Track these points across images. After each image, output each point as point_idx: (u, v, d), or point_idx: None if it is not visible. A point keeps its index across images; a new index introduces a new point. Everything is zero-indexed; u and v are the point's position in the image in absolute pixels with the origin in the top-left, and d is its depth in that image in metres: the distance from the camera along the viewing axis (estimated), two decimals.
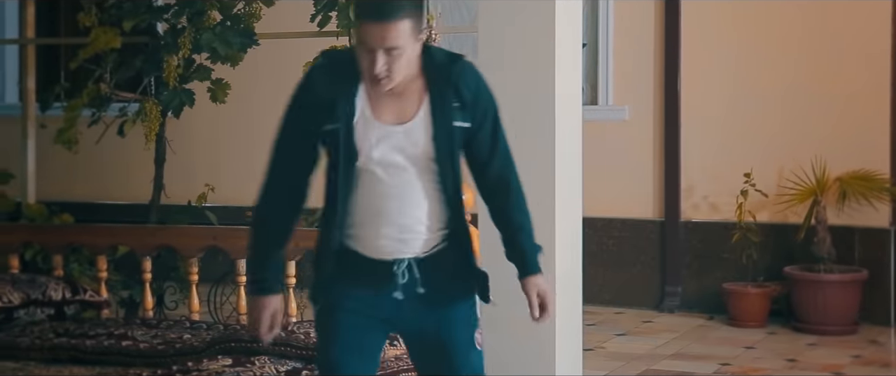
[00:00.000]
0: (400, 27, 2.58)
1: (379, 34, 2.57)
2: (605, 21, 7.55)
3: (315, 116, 2.67)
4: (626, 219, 7.37)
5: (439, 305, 2.75)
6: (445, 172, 2.72)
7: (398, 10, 2.58)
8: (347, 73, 2.67)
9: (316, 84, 2.70)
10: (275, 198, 2.72)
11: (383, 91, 2.65)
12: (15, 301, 3.85)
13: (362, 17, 2.61)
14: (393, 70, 2.60)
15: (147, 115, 5.39)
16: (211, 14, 5.32)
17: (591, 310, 6.38)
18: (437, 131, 2.69)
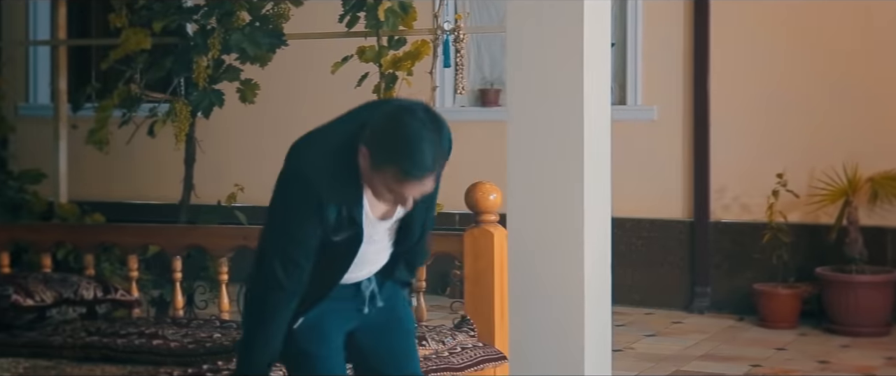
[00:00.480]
0: (436, 173, 2.69)
1: (419, 188, 2.68)
2: (633, 20, 7.52)
3: (323, 217, 2.73)
4: (654, 220, 7.33)
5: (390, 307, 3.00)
6: (411, 234, 2.92)
7: (440, 159, 2.68)
8: (351, 178, 2.71)
9: (322, 192, 2.71)
10: (296, 284, 2.76)
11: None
12: (47, 300, 3.88)
13: (403, 177, 2.64)
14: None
15: (177, 116, 5.42)
16: (240, 15, 5.35)
17: (619, 311, 6.35)
18: (411, 215, 2.86)
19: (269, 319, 2.78)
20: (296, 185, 2.75)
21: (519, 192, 4.05)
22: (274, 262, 2.75)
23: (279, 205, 2.78)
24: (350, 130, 2.73)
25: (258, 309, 2.79)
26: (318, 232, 2.74)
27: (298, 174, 2.75)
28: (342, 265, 2.85)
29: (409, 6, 5.14)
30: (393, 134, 2.66)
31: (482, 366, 3.67)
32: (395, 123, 2.68)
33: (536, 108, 4.07)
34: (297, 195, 2.74)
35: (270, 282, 2.76)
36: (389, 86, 5.12)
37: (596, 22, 4.12)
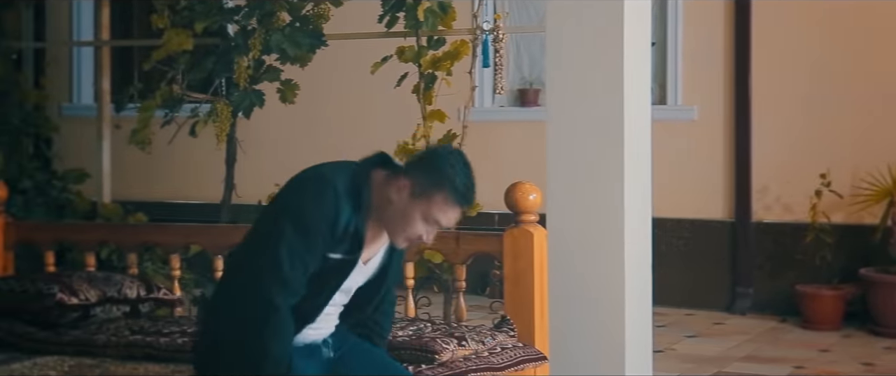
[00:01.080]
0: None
1: (455, 216, 2.85)
2: (673, 20, 7.47)
3: (327, 242, 2.76)
4: (695, 220, 7.29)
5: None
6: (372, 300, 3.02)
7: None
8: (365, 211, 2.80)
9: (341, 213, 2.75)
10: (293, 294, 2.75)
11: (399, 246, 2.89)
12: (92, 298, 3.92)
13: (453, 199, 2.80)
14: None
15: (218, 116, 5.46)
16: (280, 15, 5.38)
17: (660, 312, 6.32)
18: (380, 269, 2.96)
19: (284, 323, 2.73)
20: (312, 183, 2.77)
21: (558, 192, 4.03)
22: (270, 278, 2.70)
23: (287, 212, 2.76)
24: (349, 168, 2.83)
25: (255, 335, 2.71)
26: (320, 247, 2.73)
27: (316, 173, 2.80)
28: (328, 290, 2.84)
29: (448, 6, 5.15)
30: (443, 163, 2.82)
31: (522, 366, 3.67)
32: (445, 155, 2.87)
33: (576, 108, 4.05)
34: (313, 191, 2.75)
35: (267, 310, 2.70)
36: (429, 86, 5.13)
37: (636, 21, 4.10)
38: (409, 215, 2.78)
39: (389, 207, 2.80)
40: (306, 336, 2.93)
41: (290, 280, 2.71)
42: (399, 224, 2.81)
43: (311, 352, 2.95)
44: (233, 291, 2.80)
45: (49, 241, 4.56)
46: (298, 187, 2.79)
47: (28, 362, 3.61)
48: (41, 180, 6.20)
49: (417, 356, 3.43)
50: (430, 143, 5.04)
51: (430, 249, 4.17)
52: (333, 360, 3.00)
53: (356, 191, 2.77)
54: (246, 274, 2.77)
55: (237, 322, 2.73)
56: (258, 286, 2.71)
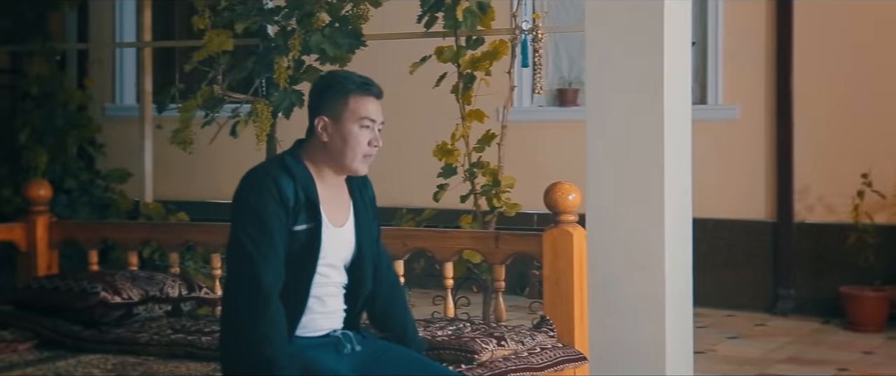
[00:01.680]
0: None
1: (378, 108, 3.01)
2: (714, 19, 7.43)
3: (286, 218, 2.88)
4: (736, 220, 7.23)
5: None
6: (366, 270, 3.07)
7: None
8: (307, 176, 2.94)
9: (282, 186, 2.89)
10: (271, 279, 2.84)
11: (363, 171, 3.00)
12: (134, 297, 3.95)
13: (361, 92, 2.96)
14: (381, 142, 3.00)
15: (258, 116, 5.48)
16: (320, 16, 5.39)
17: (701, 313, 6.28)
18: (360, 236, 3.05)
19: (276, 321, 2.82)
20: (248, 177, 2.93)
21: (598, 193, 4.03)
22: (250, 286, 2.80)
23: (241, 210, 2.88)
24: (278, 156, 3.02)
25: (257, 340, 2.79)
26: (281, 228, 2.84)
27: (251, 170, 2.96)
28: (309, 264, 2.91)
29: (487, 6, 5.14)
30: (329, 80, 3.03)
31: (562, 367, 3.66)
32: (328, 75, 3.11)
33: (616, 108, 4.04)
34: (250, 181, 2.90)
35: (254, 301, 2.80)
36: (467, 86, 5.13)
37: (676, 20, 4.08)
38: (346, 134, 2.95)
39: (329, 148, 2.98)
40: (317, 323, 2.98)
41: (261, 264, 2.82)
42: (345, 148, 2.96)
43: (334, 346, 2.98)
44: (229, 309, 2.92)
45: (92, 240, 4.61)
46: (240, 187, 2.96)
47: (72, 360, 3.65)
48: (85, 180, 6.27)
49: (457, 356, 3.43)
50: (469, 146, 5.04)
51: (469, 249, 4.17)
52: (362, 358, 3.01)
53: (287, 166, 2.93)
54: (233, 287, 2.89)
55: (233, 320, 2.87)
56: (239, 283, 2.84)
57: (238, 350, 2.84)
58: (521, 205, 4.98)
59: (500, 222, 4.99)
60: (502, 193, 4.96)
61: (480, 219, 5.01)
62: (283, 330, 2.83)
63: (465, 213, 5.07)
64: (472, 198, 5.04)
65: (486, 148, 5.07)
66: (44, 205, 4.64)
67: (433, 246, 4.03)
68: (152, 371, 3.48)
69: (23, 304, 4.04)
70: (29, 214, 4.61)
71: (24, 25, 6.31)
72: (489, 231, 4.64)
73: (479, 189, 5.02)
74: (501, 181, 4.98)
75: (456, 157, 5.03)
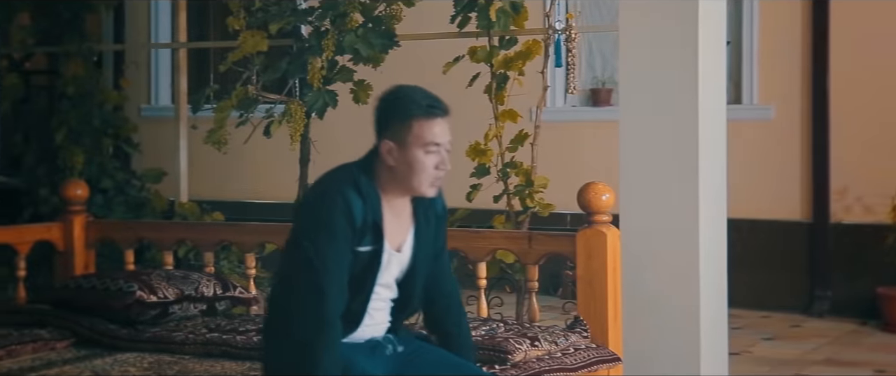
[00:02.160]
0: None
1: (446, 132, 2.88)
2: (749, 18, 7.38)
3: (352, 237, 2.82)
4: (772, 221, 7.18)
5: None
6: (415, 288, 3.01)
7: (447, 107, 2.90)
8: (376, 199, 2.87)
9: (353, 207, 2.82)
10: (336, 301, 2.80)
11: (431, 194, 2.89)
12: (170, 296, 3.98)
13: (424, 115, 2.83)
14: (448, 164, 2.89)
15: (292, 116, 5.51)
16: (353, 16, 5.40)
17: (736, 313, 6.22)
18: (417, 256, 2.98)
19: (331, 335, 2.77)
20: (321, 191, 2.85)
21: (632, 193, 4.01)
22: (312, 291, 2.76)
23: (309, 222, 2.83)
24: (348, 168, 2.90)
25: (309, 355, 2.74)
26: (347, 246, 2.79)
27: (322, 182, 2.89)
28: (366, 286, 2.88)
29: (520, 6, 5.13)
30: (394, 101, 2.88)
31: (596, 368, 3.65)
32: (391, 93, 2.92)
33: (649, 108, 4.02)
34: (324, 197, 2.83)
35: (312, 322, 2.75)
36: (501, 86, 5.12)
37: (711, 19, 4.06)
38: (412, 160, 2.85)
39: (395, 172, 2.88)
40: (360, 334, 2.97)
41: (329, 285, 2.77)
42: (412, 175, 2.86)
43: (373, 349, 2.98)
44: (281, 310, 2.86)
45: (128, 240, 4.65)
46: (311, 198, 2.91)
47: (109, 358, 3.69)
48: (121, 180, 6.31)
49: (490, 356, 3.43)
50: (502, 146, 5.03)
51: (502, 249, 4.17)
52: (400, 359, 3.02)
53: (358, 185, 2.85)
54: (290, 293, 2.83)
55: (290, 339, 2.79)
56: (303, 301, 2.78)
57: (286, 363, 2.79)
58: (554, 206, 4.97)
59: (533, 222, 4.98)
60: (535, 193, 4.95)
61: (513, 220, 5.00)
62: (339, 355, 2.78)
63: (498, 213, 5.06)
64: (506, 198, 5.04)
65: (519, 148, 5.06)
66: (80, 205, 4.68)
67: (466, 246, 4.03)
68: (188, 369, 3.51)
69: (60, 303, 4.08)
70: (66, 214, 4.65)
71: (61, 26, 6.36)
72: (522, 231, 4.64)
73: (512, 189, 5.02)
74: (534, 181, 4.97)
75: (489, 157, 5.02)
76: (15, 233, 4.64)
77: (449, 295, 3.12)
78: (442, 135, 2.86)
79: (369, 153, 2.94)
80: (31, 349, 3.78)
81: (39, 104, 7.08)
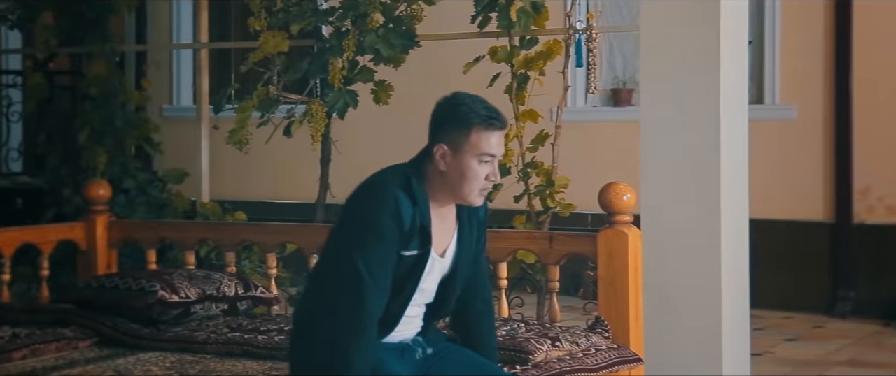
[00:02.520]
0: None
1: (501, 142, 2.89)
2: (771, 17, 7.34)
3: (399, 240, 2.81)
4: (793, 221, 7.14)
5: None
6: (453, 293, 3.01)
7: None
8: (426, 203, 2.86)
9: (403, 210, 2.81)
10: (376, 304, 2.79)
11: (477, 203, 2.90)
12: (192, 296, 4.00)
13: (484, 126, 2.83)
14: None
15: (313, 117, 5.52)
16: (374, 16, 5.41)
17: (758, 314, 6.19)
18: (458, 262, 2.97)
19: (368, 332, 2.76)
20: (372, 190, 2.84)
21: (653, 193, 4.00)
22: (352, 290, 2.75)
23: (355, 220, 2.82)
24: (401, 168, 2.89)
25: (342, 356, 2.73)
26: (393, 249, 2.78)
27: (373, 180, 2.87)
28: (407, 290, 2.87)
29: (541, 6, 5.13)
30: (453, 108, 2.88)
31: (617, 368, 3.64)
32: (452, 99, 2.91)
33: (671, 108, 4.01)
34: (375, 196, 2.81)
35: (349, 322, 2.74)
36: (521, 86, 5.12)
37: (733, 19, 4.04)
38: (465, 168, 2.85)
39: (446, 177, 2.87)
40: (395, 335, 2.97)
41: (372, 288, 2.76)
42: (463, 182, 2.86)
43: (403, 352, 2.98)
44: (317, 308, 2.85)
45: (151, 240, 4.67)
46: (360, 196, 2.87)
47: (131, 358, 3.71)
48: (143, 180, 6.34)
49: (511, 356, 3.43)
50: (523, 146, 5.03)
51: (523, 250, 4.16)
52: (427, 360, 3.02)
53: (410, 187, 2.84)
54: (329, 291, 2.82)
55: (324, 338, 2.78)
56: (342, 300, 2.76)
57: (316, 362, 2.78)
58: (575, 206, 4.96)
59: (554, 222, 4.97)
60: (556, 193, 4.94)
61: (534, 220, 5.00)
62: (371, 358, 2.77)
63: (518, 213, 5.06)
64: (526, 198, 5.04)
65: (539, 148, 5.06)
66: (103, 205, 4.71)
67: (487, 246, 4.02)
68: (210, 369, 3.52)
69: (83, 303, 4.11)
70: (89, 214, 4.68)
71: (85, 27, 6.39)
72: (543, 231, 4.63)
73: (532, 189, 5.01)
74: (555, 181, 4.96)
75: (510, 157, 5.02)
76: (38, 232, 4.67)
77: (484, 300, 3.12)
78: (498, 147, 2.88)
79: (420, 155, 2.93)
80: (54, 348, 3.81)
81: (63, 104, 7.12)
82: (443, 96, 2.94)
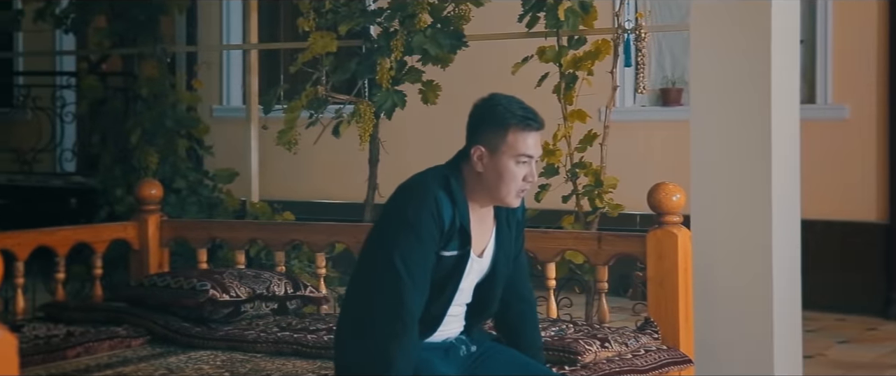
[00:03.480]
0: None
1: (538, 144, 2.89)
2: (823, 16, 7.25)
3: (438, 240, 2.82)
4: (846, 222, 7.05)
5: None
6: (495, 293, 3.02)
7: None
8: (465, 203, 2.87)
9: (443, 211, 2.82)
10: (415, 303, 2.79)
11: (515, 205, 2.91)
12: (242, 295, 4.03)
13: (521, 127, 2.83)
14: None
15: (361, 117, 5.54)
16: (422, 17, 5.42)
17: (810, 316, 6.10)
18: (498, 262, 2.98)
19: (410, 331, 2.77)
20: (412, 190, 2.85)
21: (703, 193, 3.97)
22: (392, 289, 2.75)
23: (395, 221, 2.83)
24: (440, 170, 2.90)
25: (383, 356, 2.74)
26: (432, 248, 2.79)
27: (413, 181, 2.88)
28: (448, 291, 2.88)
29: (589, 5, 5.11)
30: (490, 109, 2.88)
31: (667, 369, 3.62)
32: (488, 100, 2.91)
33: (721, 107, 3.98)
34: (415, 196, 2.82)
35: (389, 322, 2.75)
36: (569, 86, 5.10)
37: (784, 18, 4.00)
38: (502, 169, 2.85)
39: (483, 178, 2.88)
40: (438, 335, 2.98)
41: (410, 286, 2.77)
42: (500, 183, 2.86)
43: (447, 351, 2.98)
44: (358, 308, 2.87)
45: (202, 239, 4.72)
46: (401, 197, 2.88)
47: (183, 356, 3.75)
48: (194, 180, 6.40)
49: (560, 357, 3.42)
50: (571, 146, 5.01)
51: (571, 250, 4.15)
52: (472, 359, 3.02)
53: (450, 188, 2.85)
54: (369, 292, 2.83)
55: (365, 338, 2.79)
56: (382, 300, 2.77)
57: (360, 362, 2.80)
58: (623, 206, 4.94)
59: (602, 223, 4.95)
60: (605, 194, 4.92)
61: (583, 220, 4.98)
62: (413, 358, 2.78)
63: (567, 214, 5.05)
64: (574, 198, 5.02)
65: (588, 148, 5.04)
66: (155, 205, 4.76)
67: (535, 246, 4.02)
68: (260, 368, 3.55)
69: (136, 301, 4.15)
70: (141, 213, 4.73)
71: (136, 28, 6.48)
72: (592, 231, 4.62)
73: (581, 189, 5.00)
74: (604, 181, 4.94)
75: (558, 158, 5.01)
76: (92, 232, 4.73)
77: (525, 299, 3.11)
78: (535, 148, 2.87)
79: (457, 156, 2.94)
80: (107, 346, 3.86)
81: (116, 105, 7.21)
82: (479, 98, 2.94)
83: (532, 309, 3.15)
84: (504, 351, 3.07)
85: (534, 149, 2.87)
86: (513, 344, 3.10)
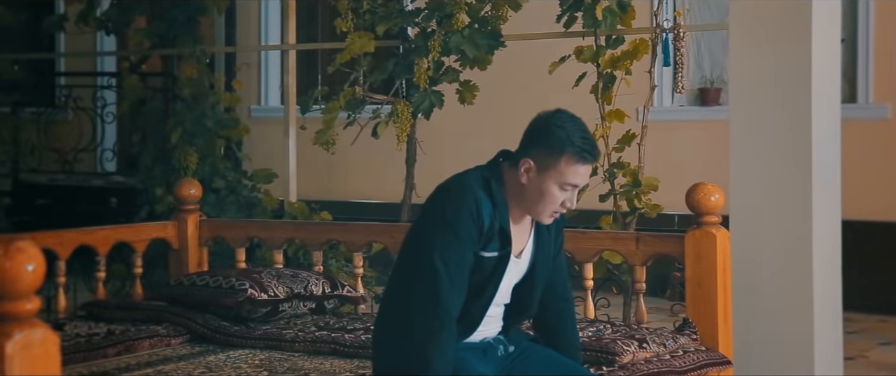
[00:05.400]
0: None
1: (586, 173, 2.85)
2: (864, 15, 7.17)
3: (477, 240, 2.82)
4: (888, 223, 6.97)
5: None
6: (534, 294, 3.01)
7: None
8: (505, 205, 2.86)
9: (483, 212, 2.81)
10: (453, 303, 2.78)
11: (546, 223, 2.90)
12: (280, 294, 4.05)
13: (576, 157, 2.80)
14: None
15: (399, 117, 5.56)
16: (459, 17, 5.43)
17: (851, 317, 6.06)
18: (537, 263, 2.98)
19: (447, 328, 2.76)
20: (452, 190, 2.84)
21: (742, 194, 3.94)
22: (430, 288, 2.75)
23: (434, 220, 2.82)
24: (480, 170, 2.88)
25: (421, 355, 2.73)
26: (470, 248, 2.78)
27: (453, 181, 2.87)
28: (487, 292, 2.87)
29: (627, 5, 5.09)
30: (554, 128, 2.82)
31: (705, 370, 3.59)
32: (552, 118, 2.85)
33: (761, 107, 3.95)
34: (454, 196, 2.81)
35: (426, 322, 2.74)
36: (607, 86, 5.09)
37: (825, 17, 3.96)
38: (545, 190, 2.83)
39: (524, 191, 2.86)
40: (474, 337, 2.98)
41: (448, 285, 2.76)
42: (539, 202, 2.85)
43: (485, 351, 2.99)
44: (396, 307, 2.88)
45: (240, 239, 4.74)
46: (441, 196, 2.87)
47: (222, 355, 3.77)
48: (232, 180, 6.45)
49: (597, 357, 3.41)
50: (609, 146, 4.99)
51: (609, 250, 4.14)
52: (510, 358, 3.03)
53: (490, 189, 2.84)
54: (407, 291, 2.83)
55: (402, 337, 2.79)
56: (419, 299, 2.77)
57: (397, 362, 2.81)
58: (661, 206, 4.91)
59: (640, 223, 4.93)
60: (643, 194, 4.90)
61: (621, 220, 4.96)
62: (451, 357, 2.77)
63: (604, 214, 5.03)
64: (612, 198, 5.00)
65: (626, 148, 5.02)
66: (194, 204, 4.79)
67: (573, 246, 4.01)
68: (298, 367, 3.57)
69: (175, 300, 4.19)
70: (180, 213, 4.77)
71: (176, 29, 6.53)
72: (630, 232, 4.60)
73: (619, 189, 4.98)
74: (643, 182, 4.92)
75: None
76: (132, 231, 4.77)
77: (563, 299, 3.11)
78: (583, 179, 2.85)
79: (497, 159, 2.93)
80: (147, 344, 3.89)
81: (155, 105, 7.28)
82: (545, 111, 2.90)
83: (570, 308, 3.14)
84: (541, 352, 3.06)
85: (582, 179, 2.84)
86: (550, 343, 3.09)
